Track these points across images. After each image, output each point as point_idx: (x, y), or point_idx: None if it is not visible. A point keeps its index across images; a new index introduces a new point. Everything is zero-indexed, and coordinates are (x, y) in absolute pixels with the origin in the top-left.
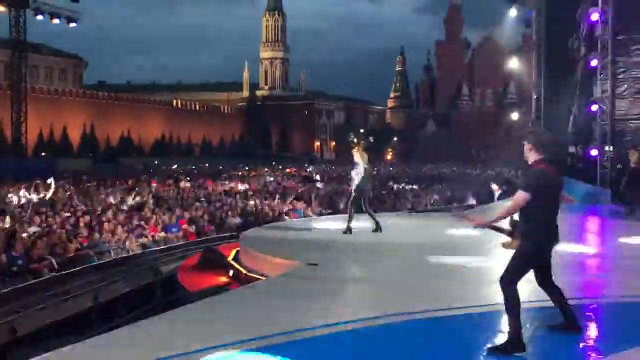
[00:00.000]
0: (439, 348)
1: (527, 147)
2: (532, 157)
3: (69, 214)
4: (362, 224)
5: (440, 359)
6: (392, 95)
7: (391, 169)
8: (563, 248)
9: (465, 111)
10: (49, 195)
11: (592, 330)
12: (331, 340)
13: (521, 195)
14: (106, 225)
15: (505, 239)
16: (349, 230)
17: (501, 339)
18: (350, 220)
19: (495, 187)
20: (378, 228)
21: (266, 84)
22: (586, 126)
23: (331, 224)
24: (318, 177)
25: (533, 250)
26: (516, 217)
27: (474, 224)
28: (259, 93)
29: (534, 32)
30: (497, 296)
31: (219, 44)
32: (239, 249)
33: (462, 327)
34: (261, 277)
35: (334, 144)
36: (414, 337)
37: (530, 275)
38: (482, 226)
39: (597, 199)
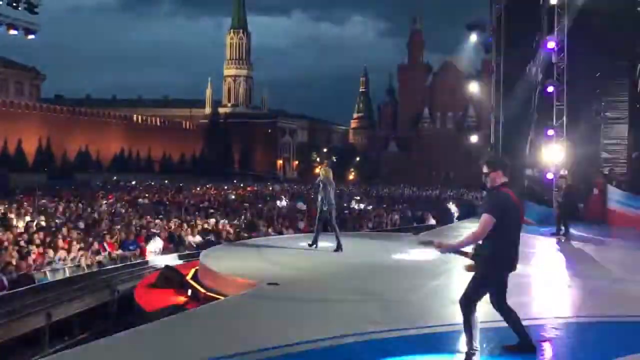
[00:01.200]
0: None
1: (494, 173)
2: (497, 181)
3: (21, 230)
4: (324, 243)
5: None
6: (354, 115)
7: (352, 188)
8: (518, 269)
9: (426, 133)
10: None
11: (547, 350)
12: None
13: (487, 219)
14: (60, 242)
15: (467, 261)
16: (315, 244)
17: (458, 358)
18: (317, 234)
19: (454, 207)
20: (339, 247)
21: (229, 101)
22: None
23: (292, 243)
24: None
25: (493, 273)
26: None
27: (441, 248)
28: (221, 110)
29: (493, 58)
30: (456, 316)
31: (182, 60)
32: (197, 267)
33: (419, 347)
34: (220, 297)
35: (296, 162)
36: (372, 357)
37: (486, 296)
38: (448, 251)
39: (552, 221)
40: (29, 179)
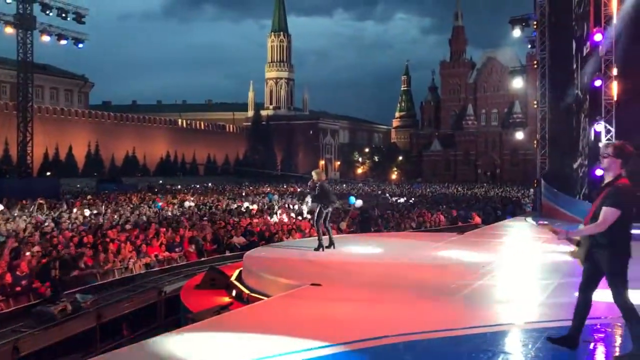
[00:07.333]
0: None
1: (616, 161)
2: (615, 171)
3: (72, 234)
4: (362, 246)
5: None
6: (396, 114)
7: (396, 188)
8: None
9: (469, 130)
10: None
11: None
12: None
13: (613, 213)
14: (110, 245)
15: (573, 248)
16: (331, 244)
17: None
18: (328, 235)
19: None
20: (331, 244)
21: (271, 104)
22: (593, 145)
23: (335, 243)
24: None
25: (625, 260)
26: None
27: (559, 236)
28: (263, 112)
29: (537, 52)
30: (502, 316)
31: (224, 64)
32: (241, 268)
33: (459, 348)
34: (264, 297)
35: (338, 163)
36: (418, 357)
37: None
38: (564, 237)
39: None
40: (78, 184)
